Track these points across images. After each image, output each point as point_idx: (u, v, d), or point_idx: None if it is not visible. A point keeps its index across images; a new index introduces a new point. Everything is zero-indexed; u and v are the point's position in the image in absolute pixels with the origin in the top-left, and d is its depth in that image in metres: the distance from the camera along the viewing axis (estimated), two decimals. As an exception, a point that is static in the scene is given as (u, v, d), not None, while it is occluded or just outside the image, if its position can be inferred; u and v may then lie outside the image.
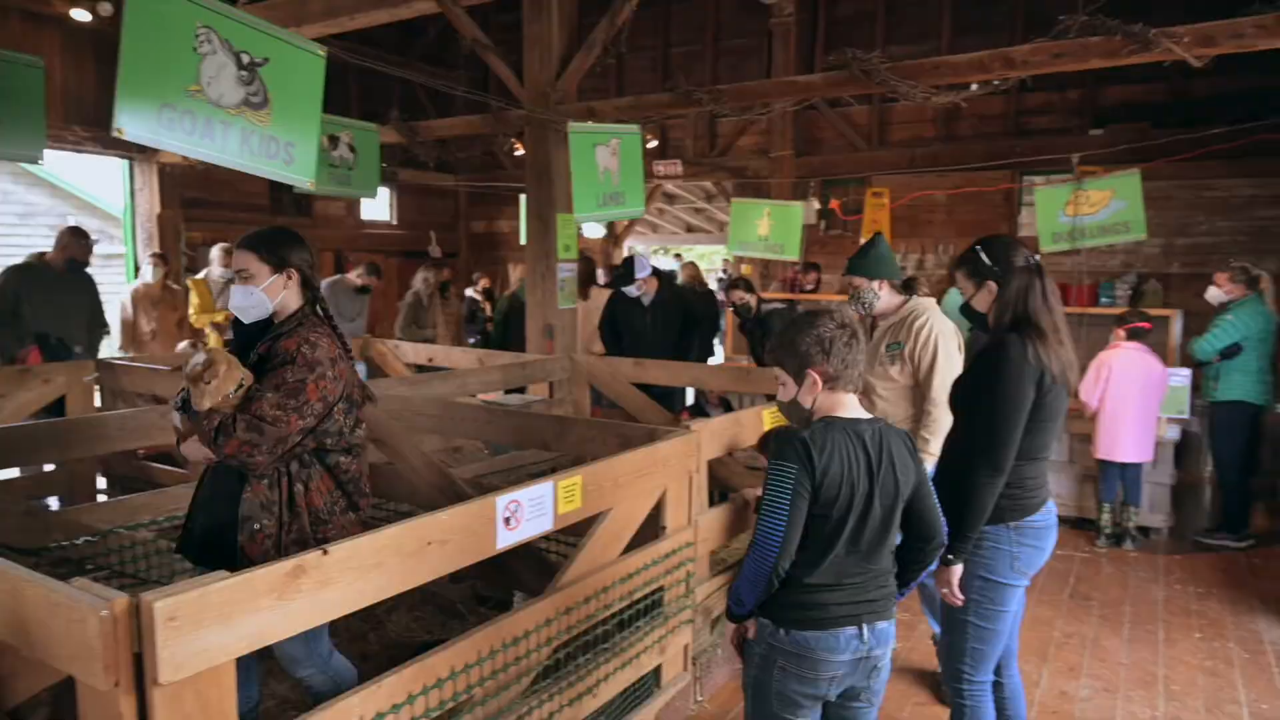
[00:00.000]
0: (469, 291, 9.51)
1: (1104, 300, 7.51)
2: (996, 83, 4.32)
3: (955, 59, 4.11)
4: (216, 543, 2.34)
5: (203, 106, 2.62)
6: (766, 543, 1.96)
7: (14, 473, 4.64)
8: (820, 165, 9.54)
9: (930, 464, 2.94)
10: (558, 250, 5.26)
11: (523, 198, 8.95)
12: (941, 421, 3.24)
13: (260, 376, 2.33)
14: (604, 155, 4.65)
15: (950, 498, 2.27)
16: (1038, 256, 2.43)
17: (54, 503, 4.52)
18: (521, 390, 5.44)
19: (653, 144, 10.01)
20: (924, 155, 9.00)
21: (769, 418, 3.55)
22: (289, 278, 2.43)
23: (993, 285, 2.40)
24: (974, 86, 4.43)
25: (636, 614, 2.83)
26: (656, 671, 3.02)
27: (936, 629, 3.57)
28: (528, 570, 3.38)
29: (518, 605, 3.65)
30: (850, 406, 2.05)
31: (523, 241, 8.78)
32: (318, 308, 2.51)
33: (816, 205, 8.96)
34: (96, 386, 4.87)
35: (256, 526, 2.29)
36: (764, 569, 1.98)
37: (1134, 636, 3.97)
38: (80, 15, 7.59)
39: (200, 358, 2.25)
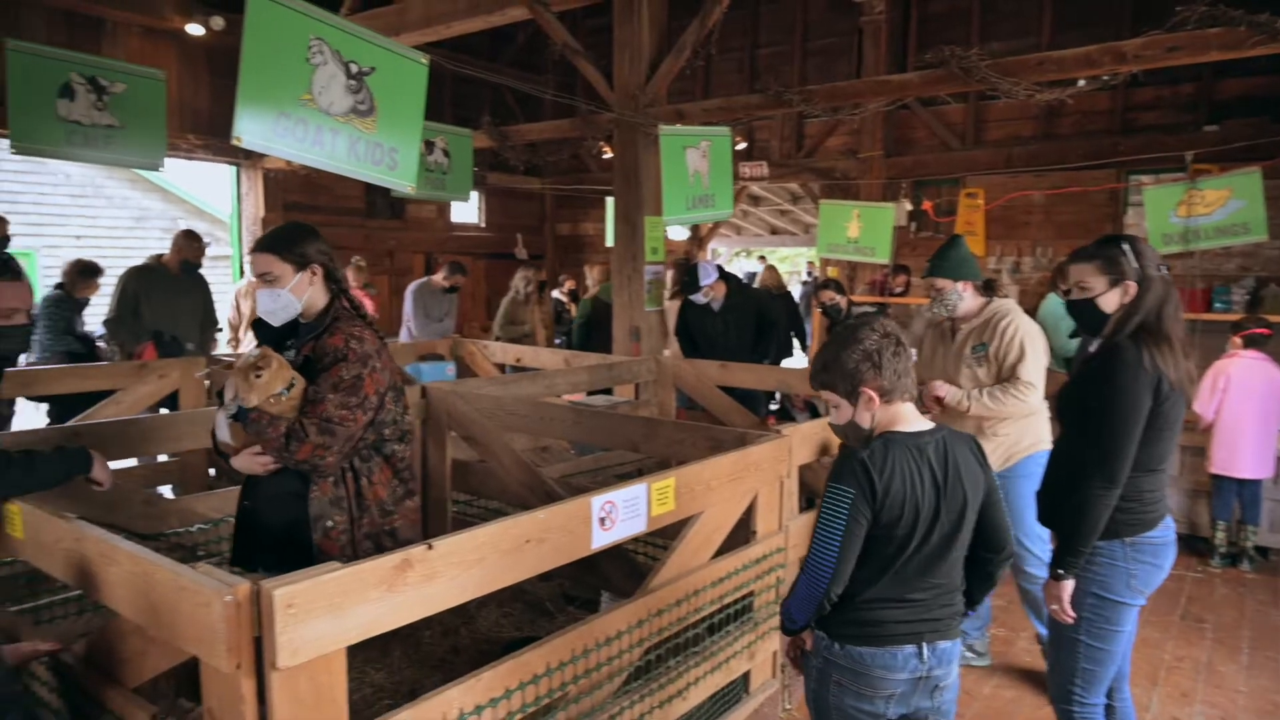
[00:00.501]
0: (555, 293, 9.64)
1: (1219, 306, 7.12)
2: (1106, 78, 4.13)
3: (1061, 54, 3.96)
4: (287, 543, 2.33)
5: (314, 114, 2.74)
6: (819, 568, 1.87)
7: (131, 462, 4.91)
8: (912, 165, 9.32)
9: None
10: (645, 252, 5.28)
11: (609, 200, 9.02)
12: (1015, 398, 3.21)
13: (309, 377, 2.31)
14: (694, 158, 4.65)
15: (1061, 510, 2.18)
16: (1165, 267, 2.29)
17: (167, 491, 4.76)
18: (607, 392, 5.48)
19: (740, 146, 9.96)
20: (1022, 154, 8.69)
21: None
22: (313, 274, 2.39)
23: (1132, 287, 2.25)
24: (1081, 83, 4.26)
25: (726, 618, 2.81)
26: (745, 677, 2.99)
27: (1043, 631, 3.45)
28: (616, 571, 3.40)
29: (606, 605, 3.71)
30: (909, 418, 1.94)
31: (608, 244, 8.84)
32: (347, 299, 2.48)
33: (908, 207, 8.75)
34: (207, 381, 5.12)
35: (329, 524, 2.29)
36: (815, 594, 1.89)
37: (1253, 663, 3.74)
38: (194, 30, 8.01)
39: (251, 353, 2.26)
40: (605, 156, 8.95)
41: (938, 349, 3.59)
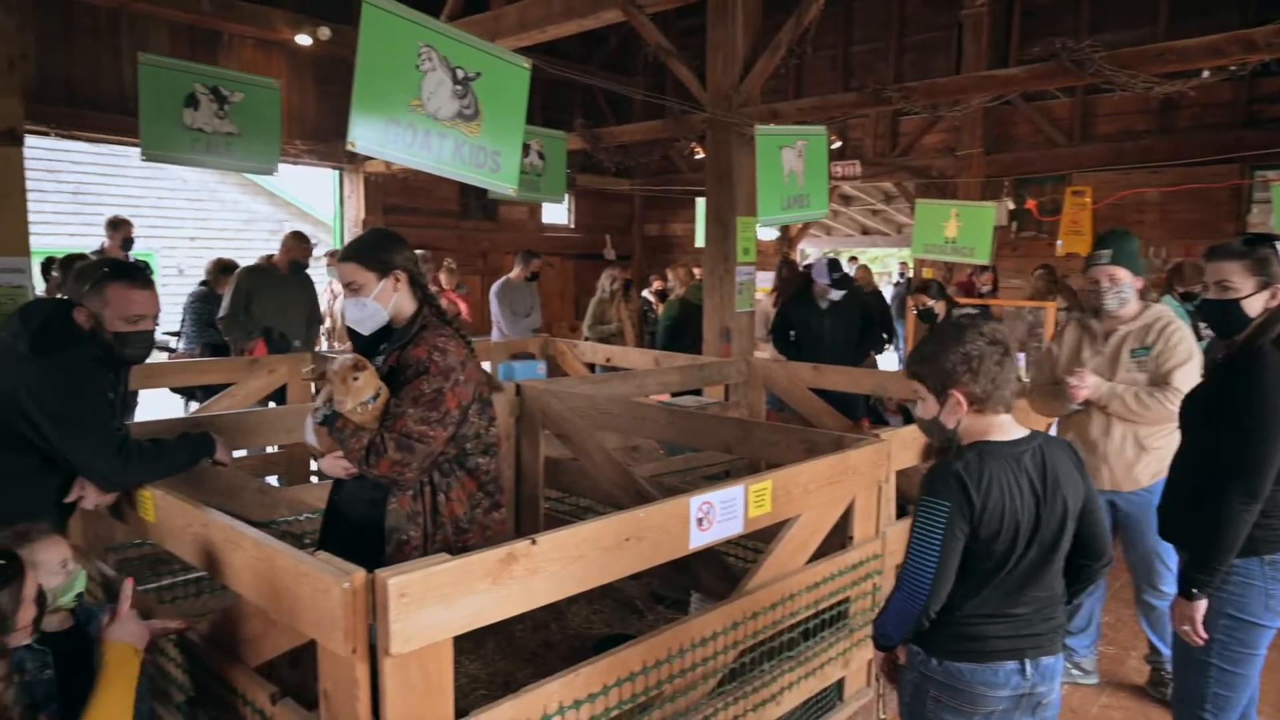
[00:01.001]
0: (644, 293, 9.70)
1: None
2: (1233, 68, 3.90)
3: (1184, 44, 3.75)
4: (360, 550, 2.31)
5: (422, 120, 2.83)
6: (916, 585, 1.80)
7: (241, 453, 5.16)
8: (1013, 163, 8.99)
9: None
10: (737, 253, 5.25)
11: (699, 201, 9.00)
12: (1161, 403, 2.99)
13: (393, 387, 2.29)
14: (789, 157, 4.60)
15: (1188, 525, 2.07)
16: None
17: (274, 481, 4.99)
18: (695, 393, 5.47)
19: (834, 145, 9.80)
20: (1134, 149, 8.27)
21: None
22: (397, 280, 2.35)
23: None
24: (1205, 74, 4.03)
25: (821, 624, 2.77)
26: (839, 685, 2.94)
27: (1164, 650, 3.27)
28: (707, 572, 3.39)
29: (696, 606, 3.70)
30: (1005, 428, 1.86)
31: (698, 244, 8.82)
32: (432, 305, 2.45)
33: (1010, 205, 8.44)
34: (312, 377, 5.35)
35: (403, 538, 2.28)
36: (913, 610, 1.83)
37: (1395, 696, 3.46)
38: (303, 40, 8.38)
39: (348, 357, 2.26)
40: (697, 157, 8.95)
41: (1082, 349, 3.31)
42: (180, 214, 14.45)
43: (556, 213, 12.07)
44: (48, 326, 2.34)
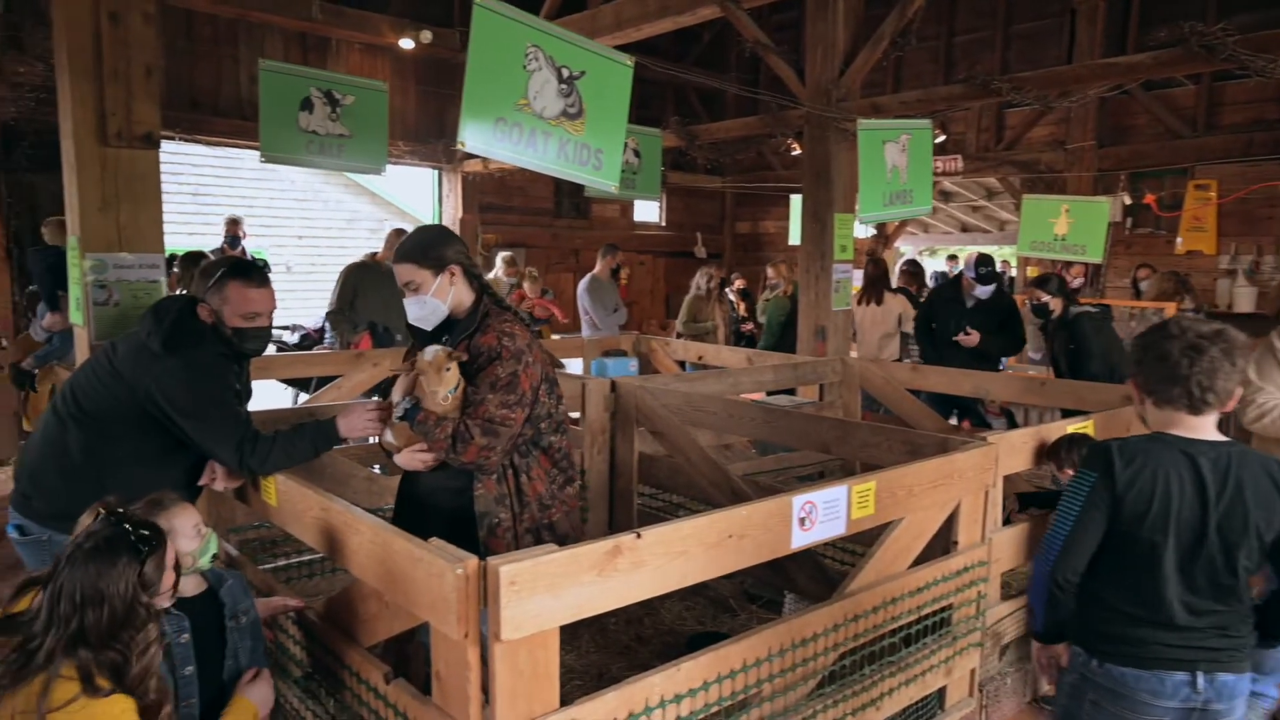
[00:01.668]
0: (726, 290, 9.64)
1: None
2: (1386, 50, 3.60)
3: (1330, 24, 3.49)
4: (451, 539, 2.43)
5: (529, 119, 2.89)
6: (1049, 544, 1.96)
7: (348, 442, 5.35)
8: (1128, 156, 8.53)
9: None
10: (834, 251, 5.16)
11: (793, 198, 8.89)
12: None
13: (465, 377, 2.34)
14: (893, 152, 4.50)
15: None
16: None
17: (376, 471, 5.17)
18: (788, 392, 5.41)
19: (938, 139, 9.53)
20: (1266, 140, 7.72)
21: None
22: (451, 275, 2.39)
23: None
24: (1351, 57, 3.73)
25: (923, 630, 2.70)
26: (941, 694, 2.86)
27: None
28: (802, 572, 3.35)
29: (790, 606, 3.67)
30: (1190, 426, 1.86)
31: (792, 242, 8.71)
32: (490, 293, 2.49)
33: (1126, 200, 8.02)
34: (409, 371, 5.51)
35: (495, 521, 2.34)
36: (1043, 570, 1.97)
37: None
38: (406, 43, 8.65)
39: (440, 348, 2.31)
40: (793, 154, 8.84)
41: None
42: (288, 213, 15.09)
43: (648, 211, 12.12)
44: (177, 324, 2.48)
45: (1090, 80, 4.47)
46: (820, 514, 2.27)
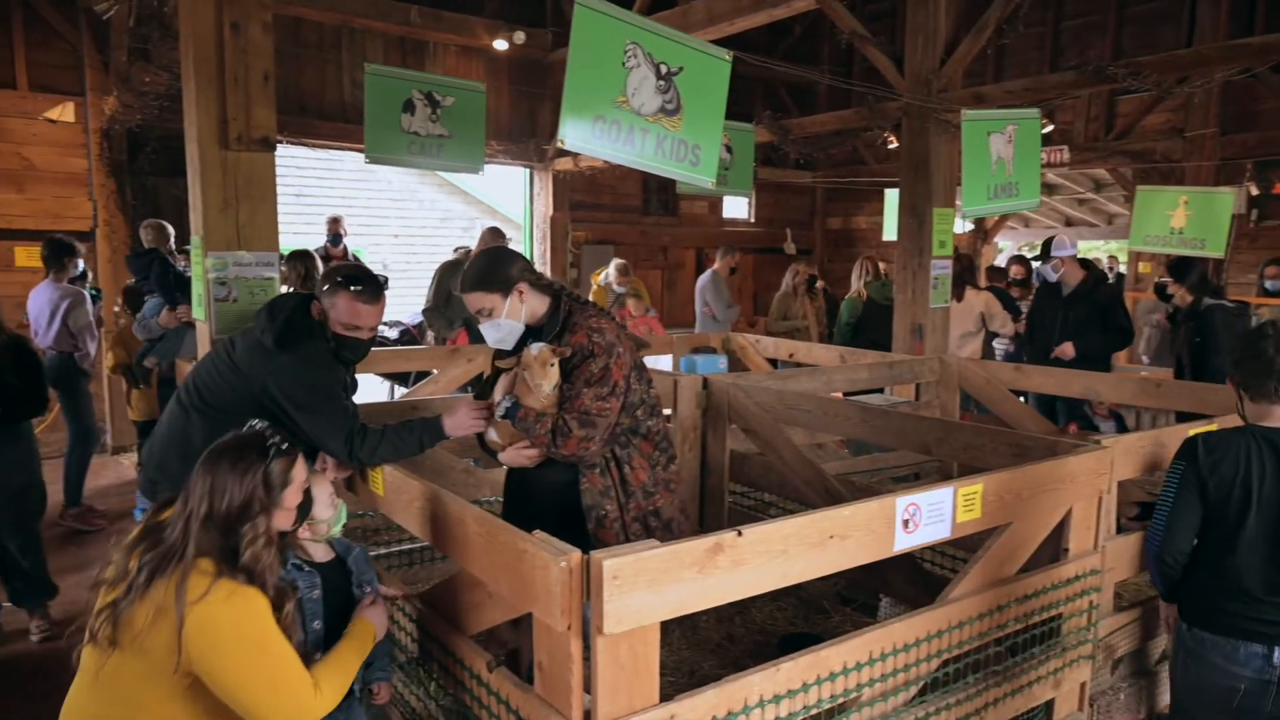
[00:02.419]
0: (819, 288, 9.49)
1: None
2: None
3: None
4: (561, 532, 2.47)
5: (627, 116, 2.91)
6: (1153, 530, 2.31)
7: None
8: (1255, 143, 7.96)
9: None
10: (932, 246, 5.02)
11: (888, 192, 8.69)
12: None
13: (561, 375, 2.40)
14: (998, 143, 4.33)
15: None
16: None
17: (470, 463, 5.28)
18: (877, 391, 5.28)
19: (1047, 129, 9.13)
20: None
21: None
22: (520, 293, 2.44)
23: None
24: None
25: (1030, 640, 2.60)
26: (1049, 706, 2.75)
27: None
28: (899, 575, 3.28)
29: (885, 610, 3.59)
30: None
31: (886, 237, 8.51)
32: (567, 293, 2.54)
33: (1253, 191, 7.51)
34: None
35: (602, 513, 2.39)
36: (1150, 552, 2.31)
37: None
38: (500, 44, 8.81)
39: (543, 345, 2.37)
40: (890, 147, 8.62)
41: None
42: (385, 213, 15.61)
43: (736, 207, 12.03)
44: (289, 322, 2.60)
45: (1216, 63, 4.19)
46: (924, 516, 2.21)
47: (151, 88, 5.67)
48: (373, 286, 2.66)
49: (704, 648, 3.53)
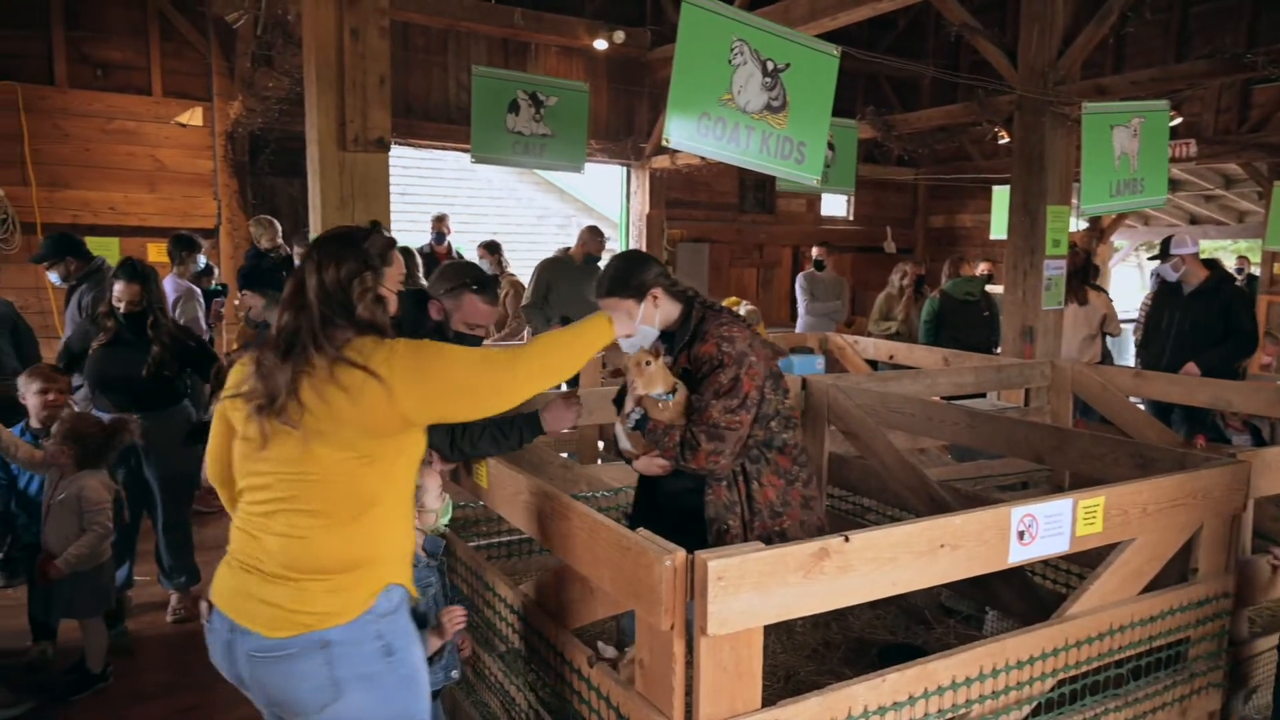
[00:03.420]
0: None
1: None
2: None
3: None
4: (685, 540, 2.44)
5: (732, 113, 2.89)
6: None
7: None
8: None
9: None
10: (1045, 245, 4.80)
11: (996, 189, 8.37)
12: None
13: (690, 386, 2.39)
14: (1122, 137, 4.11)
15: None
16: None
17: (564, 456, 5.36)
18: (977, 396, 5.09)
19: (1174, 122, 8.62)
20: None
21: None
22: (655, 298, 2.42)
23: None
24: None
25: (1154, 664, 2.45)
26: (1173, 735, 2.59)
27: None
28: (1008, 589, 3.15)
29: (992, 624, 3.46)
30: None
31: (993, 236, 8.20)
32: (699, 299, 2.50)
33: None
34: (605, 365, 5.67)
35: (724, 527, 2.36)
36: None
37: None
38: (600, 44, 8.89)
39: (643, 347, 2.38)
40: (1001, 142, 8.30)
41: None
42: (484, 211, 15.96)
43: (835, 205, 11.81)
44: (403, 317, 2.68)
45: (1374, 48, 3.87)
46: (1041, 528, 2.12)
47: (273, 92, 5.96)
48: (493, 287, 2.76)
49: (800, 653, 3.48)
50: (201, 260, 5.92)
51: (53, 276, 5.19)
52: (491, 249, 7.66)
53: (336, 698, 1.73)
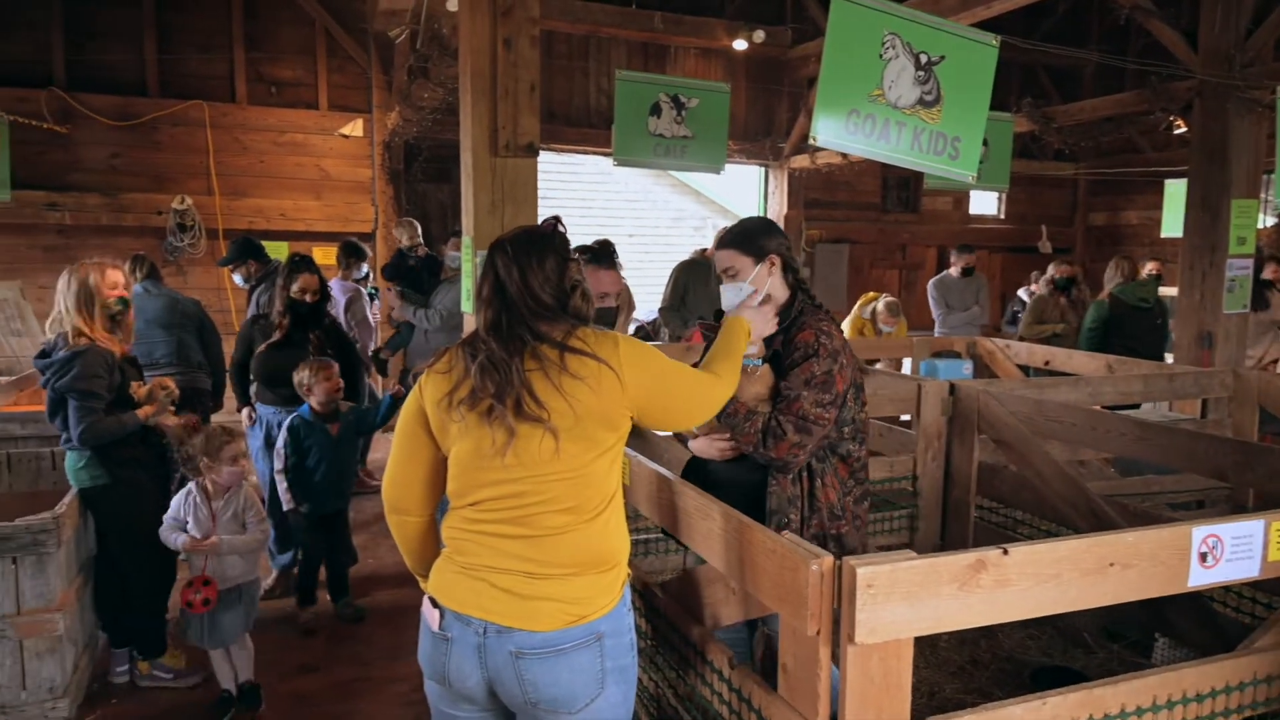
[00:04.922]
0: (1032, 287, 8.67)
1: None
2: None
3: None
4: None
5: (882, 109, 2.80)
6: None
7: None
8: None
9: None
10: (1229, 243, 4.40)
11: (1168, 183, 7.76)
12: None
13: (777, 371, 2.30)
14: (1324, 123, 3.72)
15: None
16: None
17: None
18: (1133, 407, 4.72)
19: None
20: None
21: None
22: (771, 265, 2.35)
23: None
24: None
25: (1359, 707, 2.20)
26: (1381, 789, 2.32)
27: None
28: (1183, 615, 2.92)
29: (1162, 653, 3.20)
30: None
31: (1165, 233, 7.61)
32: (805, 291, 2.43)
33: None
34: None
35: (784, 520, 2.27)
36: None
37: None
38: (739, 44, 8.85)
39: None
40: (1177, 132, 7.67)
41: None
42: (621, 213, 16.22)
43: (984, 202, 11.27)
44: None
45: None
46: (1227, 551, 1.94)
47: (428, 103, 6.29)
48: (606, 255, 2.82)
49: (944, 669, 3.34)
50: (364, 268, 6.32)
51: (236, 278, 5.66)
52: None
53: (601, 690, 1.79)
